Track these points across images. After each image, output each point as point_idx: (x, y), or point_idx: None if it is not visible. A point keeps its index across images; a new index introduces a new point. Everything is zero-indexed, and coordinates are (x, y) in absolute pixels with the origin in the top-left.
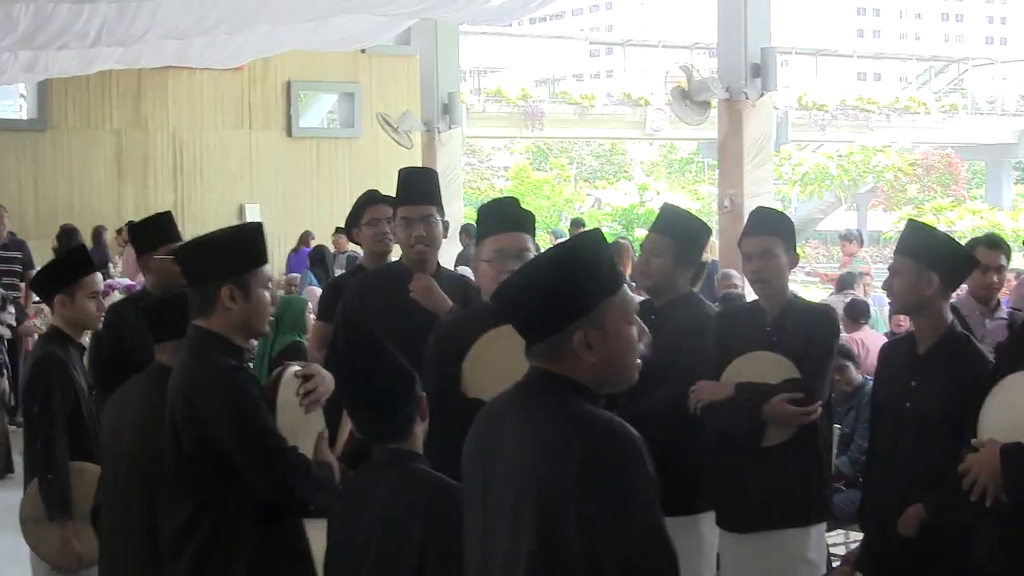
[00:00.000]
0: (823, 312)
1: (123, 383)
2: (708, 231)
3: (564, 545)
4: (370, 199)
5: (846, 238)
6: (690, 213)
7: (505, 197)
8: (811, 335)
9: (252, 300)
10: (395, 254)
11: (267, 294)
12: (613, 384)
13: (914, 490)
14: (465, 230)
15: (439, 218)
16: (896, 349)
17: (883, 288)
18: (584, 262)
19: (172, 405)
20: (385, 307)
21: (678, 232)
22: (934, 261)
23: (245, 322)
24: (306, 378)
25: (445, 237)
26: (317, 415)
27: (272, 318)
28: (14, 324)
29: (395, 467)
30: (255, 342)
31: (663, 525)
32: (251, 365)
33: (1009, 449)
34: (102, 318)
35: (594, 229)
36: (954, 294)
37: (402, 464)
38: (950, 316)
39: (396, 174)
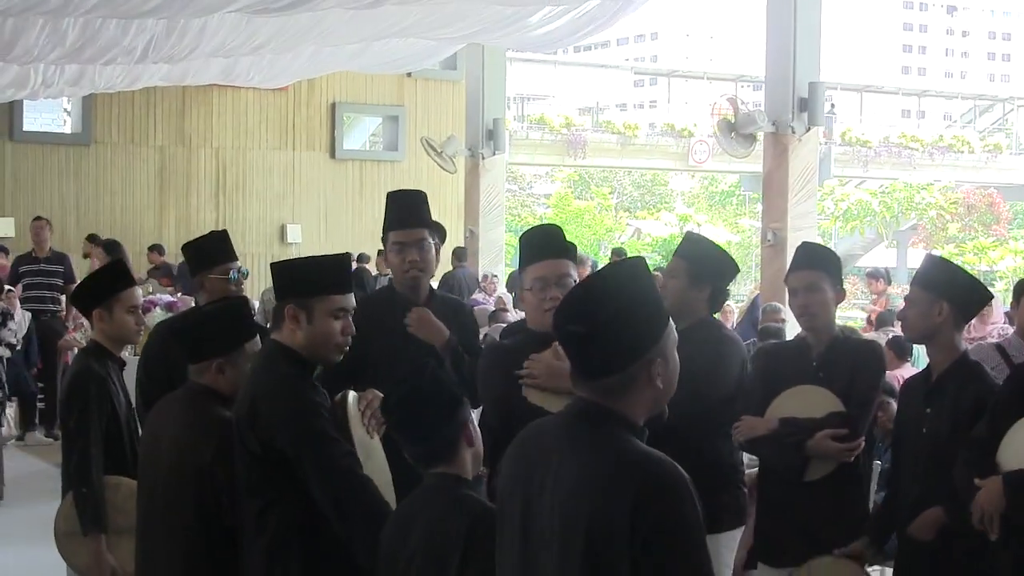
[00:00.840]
0: (870, 348)
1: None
2: (729, 260)
3: None
4: None
5: (873, 276)
6: (713, 242)
7: (545, 224)
8: (857, 370)
9: (315, 325)
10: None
11: (335, 324)
12: (655, 415)
13: (924, 510)
14: (456, 254)
15: (432, 242)
16: (915, 380)
17: (898, 318)
18: (647, 290)
19: (238, 412)
20: (378, 334)
21: (693, 255)
22: (944, 291)
23: (311, 346)
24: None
25: (438, 260)
26: (378, 449)
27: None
28: (14, 343)
29: (439, 491)
30: None
31: (711, 569)
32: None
33: (1011, 476)
34: (141, 332)
35: (636, 257)
36: (999, 334)
37: (446, 489)
38: (963, 346)
39: (439, 198)
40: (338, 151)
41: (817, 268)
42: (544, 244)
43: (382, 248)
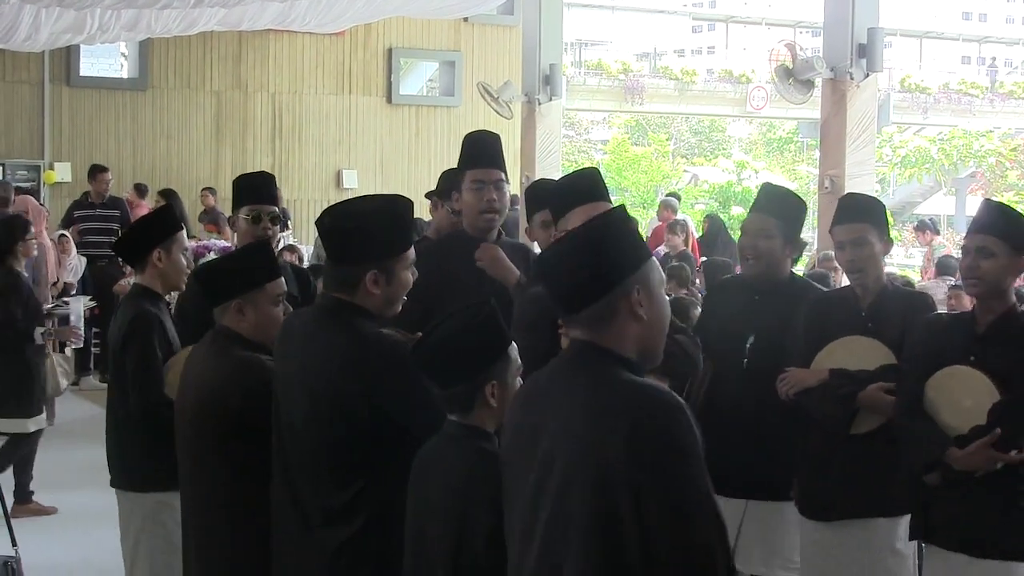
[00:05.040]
0: (922, 300)
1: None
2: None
3: (616, 516)
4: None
5: (920, 228)
6: (789, 190)
7: (583, 169)
8: (909, 322)
9: (395, 284)
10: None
11: (409, 275)
12: (651, 357)
13: None
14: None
15: (508, 185)
16: (947, 323)
17: (965, 268)
18: (627, 226)
19: (338, 388)
20: (450, 276)
21: (785, 213)
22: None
23: (386, 304)
24: None
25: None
26: None
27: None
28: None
29: (455, 441)
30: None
31: (712, 494)
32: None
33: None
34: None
35: (619, 206)
36: None
37: (463, 440)
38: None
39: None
40: (395, 96)
41: (863, 220)
42: (588, 188)
43: (432, 191)
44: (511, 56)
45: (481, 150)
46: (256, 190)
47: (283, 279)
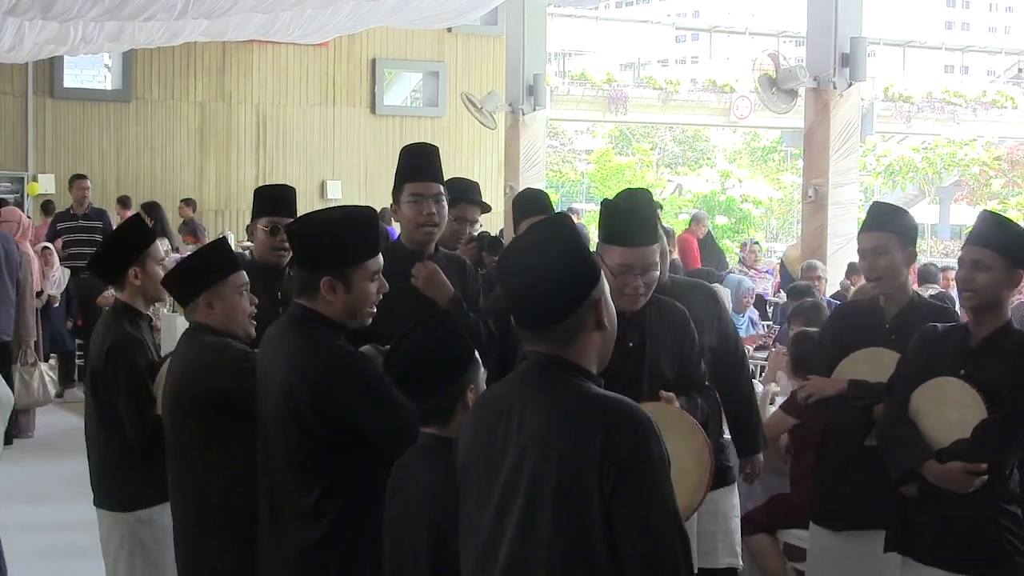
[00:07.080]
0: (947, 313)
1: None
2: None
3: (585, 527)
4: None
5: None
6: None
7: (633, 205)
8: None
9: (354, 293)
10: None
11: (372, 286)
12: (604, 362)
13: None
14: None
15: (446, 198)
16: (940, 335)
17: (961, 280)
18: (577, 237)
19: (294, 393)
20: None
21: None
22: (1020, 257)
23: (347, 312)
24: None
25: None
26: None
27: (374, 308)
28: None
29: (432, 453)
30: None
31: (677, 508)
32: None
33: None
34: None
35: (560, 212)
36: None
37: (438, 451)
38: (1009, 311)
39: (479, 154)
40: (379, 107)
41: (885, 230)
42: (637, 228)
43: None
44: (495, 66)
45: (420, 163)
46: (276, 202)
47: (244, 272)
